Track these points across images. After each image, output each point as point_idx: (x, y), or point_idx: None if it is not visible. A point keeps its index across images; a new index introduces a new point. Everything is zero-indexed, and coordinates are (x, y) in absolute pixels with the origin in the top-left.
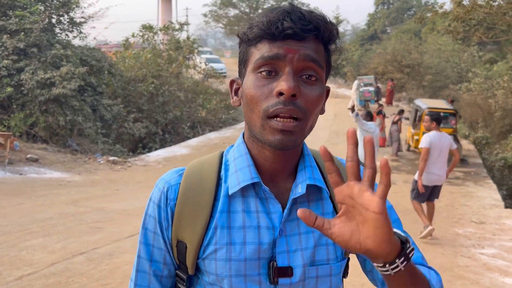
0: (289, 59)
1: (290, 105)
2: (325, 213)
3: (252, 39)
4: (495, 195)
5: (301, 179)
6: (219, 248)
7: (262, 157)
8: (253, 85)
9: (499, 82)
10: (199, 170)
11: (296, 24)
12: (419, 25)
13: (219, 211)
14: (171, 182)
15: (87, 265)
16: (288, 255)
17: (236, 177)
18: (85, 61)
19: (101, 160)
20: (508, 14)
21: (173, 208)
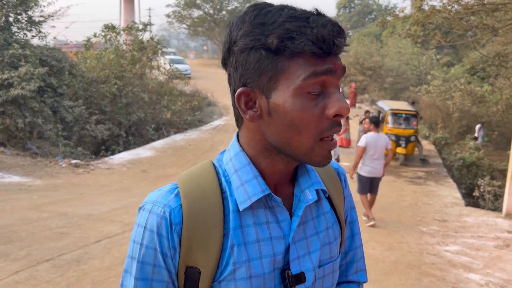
0: (338, 75)
1: (338, 125)
2: (325, 213)
3: (294, 52)
4: (455, 193)
5: (306, 184)
6: (238, 268)
7: (272, 168)
8: (302, 107)
9: (456, 84)
10: (198, 187)
11: (342, 40)
12: (380, 29)
13: (233, 228)
14: (170, 204)
15: (53, 273)
16: (299, 261)
17: (244, 191)
18: (45, 61)
19: (63, 163)
20: (464, 19)
21: (180, 233)
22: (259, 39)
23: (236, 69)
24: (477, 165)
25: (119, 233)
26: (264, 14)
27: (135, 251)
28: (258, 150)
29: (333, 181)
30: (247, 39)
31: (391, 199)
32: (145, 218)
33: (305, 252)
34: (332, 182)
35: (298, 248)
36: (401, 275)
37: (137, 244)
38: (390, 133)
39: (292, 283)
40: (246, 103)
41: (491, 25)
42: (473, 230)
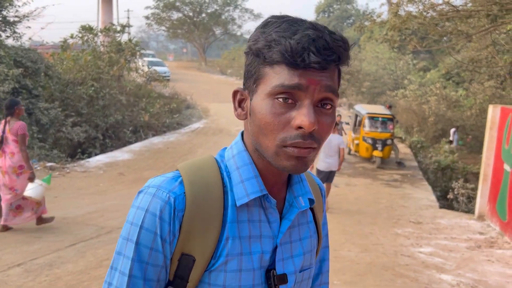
0: (310, 90)
1: (308, 138)
2: (309, 222)
3: (272, 60)
4: (430, 196)
5: (299, 192)
6: (230, 259)
7: (267, 171)
8: (269, 111)
9: (432, 89)
10: (202, 178)
11: (321, 55)
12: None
13: (229, 221)
14: (175, 191)
15: (24, 277)
16: (283, 263)
17: (244, 188)
18: (20, 62)
19: (38, 166)
20: (439, 25)
21: (181, 220)
22: (252, 45)
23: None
24: (452, 168)
25: (94, 237)
26: (271, 22)
27: (133, 233)
28: (252, 150)
29: (316, 194)
30: (248, 44)
31: (368, 201)
32: (148, 201)
33: (288, 255)
34: (316, 194)
35: (283, 251)
36: (375, 277)
37: (136, 226)
38: (367, 137)
39: (276, 282)
40: (239, 101)
41: (465, 31)
42: (447, 231)
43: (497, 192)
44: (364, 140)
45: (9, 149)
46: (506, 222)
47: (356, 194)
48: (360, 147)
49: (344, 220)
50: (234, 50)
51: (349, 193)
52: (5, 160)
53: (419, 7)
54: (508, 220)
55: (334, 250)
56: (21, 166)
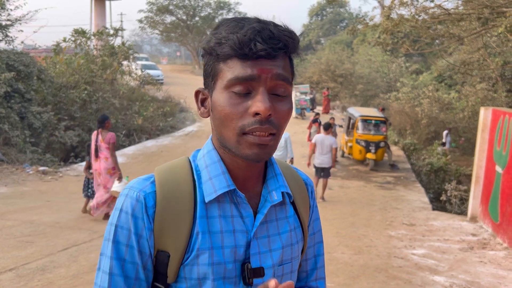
0: (263, 79)
1: (266, 124)
2: (288, 216)
3: (222, 56)
4: (423, 198)
5: (273, 186)
6: (201, 253)
7: (235, 166)
8: (227, 103)
9: (424, 91)
10: (173, 176)
11: (268, 44)
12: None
13: (199, 217)
14: (145, 190)
15: (16, 282)
16: (259, 256)
17: (212, 185)
18: (12, 66)
19: (30, 170)
20: (431, 28)
21: (153, 216)
22: (205, 46)
23: None
24: (445, 170)
25: (87, 241)
26: (222, 24)
27: (111, 232)
28: (219, 147)
29: (300, 189)
30: (202, 45)
31: (361, 204)
32: (121, 202)
33: (266, 249)
34: (299, 190)
35: (260, 244)
36: (369, 279)
37: (112, 226)
38: (360, 139)
39: (250, 276)
40: (201, 100)
41: (457, 34)
42: (440, 233)
43: (489, 193)
44: (357, 142)
45: (103, 155)
46: (498, 223)
47: (350, 197)
48: (353, 150)
49: (337, 223)
50: None
51: (343, 195)
52: (100, 163)
53: (411, 10)
54: (500, 222)
55: (328, 252)
56: (113, 168)
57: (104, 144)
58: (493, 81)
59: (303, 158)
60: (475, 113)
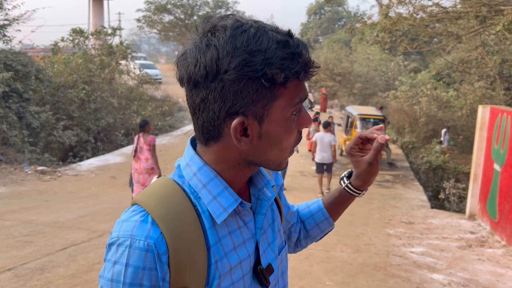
0: None
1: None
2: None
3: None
4: (421, 196)
5: (261, 183)
6: (223, 279)
7: (238, 178)
8: (291, 129)
9: (422, 90)
10: (171, 209)
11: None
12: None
13: (213, 244)
14: (151, 235)
15: (15, 282)
16: (265, 255)
17: (219, 204)
18: (10, 66)
19: (29, 170)
20: (429, 27)
21: (167, 261)
22: (259, 69)
23: (221, 96)
24: (443, 168)
25: (85, 241)
26: (253, 38)
27: None
28: (230, 165)
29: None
30: (246, 69)
31: (360, 202)
32: (126, 255)
33: (267, 244)
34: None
35: (262, 243)
36: (367, 277)
37: (119, 284)
38: None
39: (266, 276)
40: (241, 131)
41: (455, 32)
42: (438, 231)
43: (487, 191)
44: None
45: (143, 156)
46: (496, 221)
47: None
48: None
49: (336, 221)
50: None
51: None
52: (140, 164)
53: (409, 8)
54: (498, 219)
55: (326, 251)
56: (152, 168)
57: (146, 146)
58: (491, 79)
59: (301, 157)
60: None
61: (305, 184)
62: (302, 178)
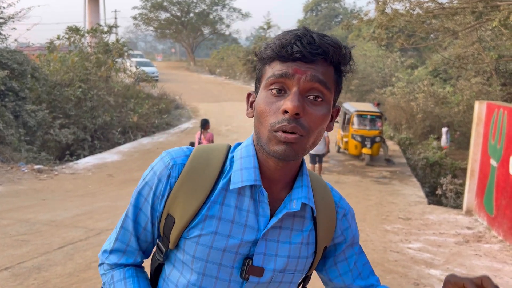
0: (297, 79)
1: (293, 122)
2: (304, 230)
3: (266, 59)
4: (419, 192)
5: (297, 195)
6: (204, 234)
7: (266, 165)
8: (264, 101)
9: (419, 86)
10: (206, 158)
11: (306, 48)
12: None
13: (212, 201)
14: (177, 160)
15: (12, 281)
16: (264, 257)
17: (241, 175)
18: (5, 65)
19: (25, 169)
20: (426, 23)
21: (173, 184)
22: (257, 52)
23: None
24: (440, 164)
25: (83, 239)
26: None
27: (139, 184)
28: (256, 143)
29: (327, 208)
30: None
31: (357, 198)
32: (156, 162)
33: (272, 253)
34: (325, 208)
35: (267, 246)
36: None
37: (143, 179)
38: (356, 134)
39: (247, 272)
40: (251, 103)
41: (452, 28)
42: (435, 227)
43: (484, 187)
44: (353, 137)
45: None
46: (493, 216)
47: (346, 192)
48: (349, 145)
49: None
50: (222, 50)
51: (339, 190)
52: None
53: (405, 5)
54: (495, 215)
55: None
56: None
57: (206, 142)
58: (487, 75)
59: None
60: (470, 107)
61: None
62: None
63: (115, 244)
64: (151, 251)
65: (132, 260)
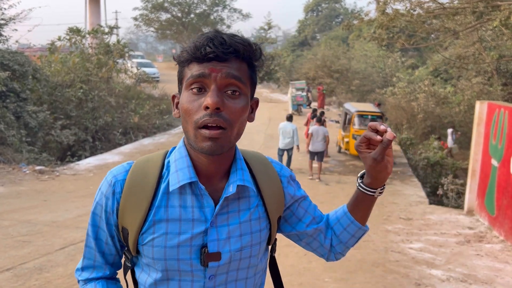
0: (213, 77)
1: (215, 116)
2: (251, 207)
3: (184, 61)
4: (420, 192)
5: (232, 180)
6: (156, 237)
7: (199, 161)
8: (186, 100)
9: (420, 86)
10: (144, 168)
11: (218, 48)
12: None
13: (157, 206)
14: (118, 177)
15: (14, 282)
16: (218, 243)
17: (177, 176)
18: (7, 66)
19: (27, 170)
20: (427, 23)
21: (119, 199)
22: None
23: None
24: (441, 164)
25: (84, 240)
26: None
27: (93, 205)
28: (187, 143)
29: (272, 181)
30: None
31: None
32: (102, 183)
33: (225, 236)
34: (270, 182)
35: (218, 232)
36: (366, 273)
37: (94, 200)
38: (357, 134)
39: (206, 259)
40: (177, 104)
41: (452, 28)
42: (436, 227)
43: (485, 187)
44: (354, 138)
45: None
46: (494, 216)
47: (347, 192)
48: (350, 145)
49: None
50: None
51: (340, 190)
52: None
53: (406, 5)
54: (497, 215)
55: None
56: None
57: None
58: (488, 75)
59: (300, 154)
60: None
61: (301, 182)
62: (299, 175)
63: (84, 262)
64: (120, 261)
65: (101, 274)
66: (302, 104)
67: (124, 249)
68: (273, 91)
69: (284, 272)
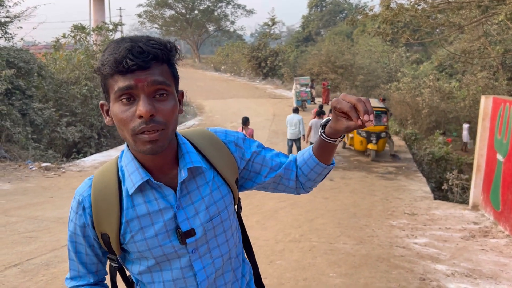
0: (140, 87)
1: (151, 123)
2: (208, 181)
3: (107, 75)
4: (425, 187)
5: (182, 164)
6: (134, 234)
7: (146, 159)
8: (119, 111)
9: (425, 81)
10: (103, 179)
11: (138, 58)
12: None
13: (125, 208)
14: (84, 194)
15: (21, 277)
16: (188, 221)
17: (131, 180)
18: (12, 63)
19: (33, 166)
20: (431, 17)
21: (91, 213)
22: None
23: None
24: (446, 160)
25: None
26: (107, 47)
27: (68, 223)
28: (130, 147)
29: (219, 151)
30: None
31: (363, 194)
32: (72, 202)
33: (193, 214)
34: (217, 152)
35: (186, 212)
36: (371, 268)
37: (69, 219)
38: (361, 130)
39: (182, 237)
40: (107, 112)
41: (457, 22)
42: (441, 222)
43: (490, 182)
44: (359, 133)
45: None
46: (499, 211)
47: (351, 187)
48: (354, 141)
49: (339, 213)
50: (227, 47)
51: (344, 186)
52: None
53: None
54: (502, 210)
55: (330, 243)
56: None
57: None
58: (494, 70)
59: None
60: (476, 101)
61: None
62: None
63: (70, 273)
64: (104, 268)
65: (86, 281)
66: (307, 100)
67: (106, 255)
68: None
69: (289, 267)
